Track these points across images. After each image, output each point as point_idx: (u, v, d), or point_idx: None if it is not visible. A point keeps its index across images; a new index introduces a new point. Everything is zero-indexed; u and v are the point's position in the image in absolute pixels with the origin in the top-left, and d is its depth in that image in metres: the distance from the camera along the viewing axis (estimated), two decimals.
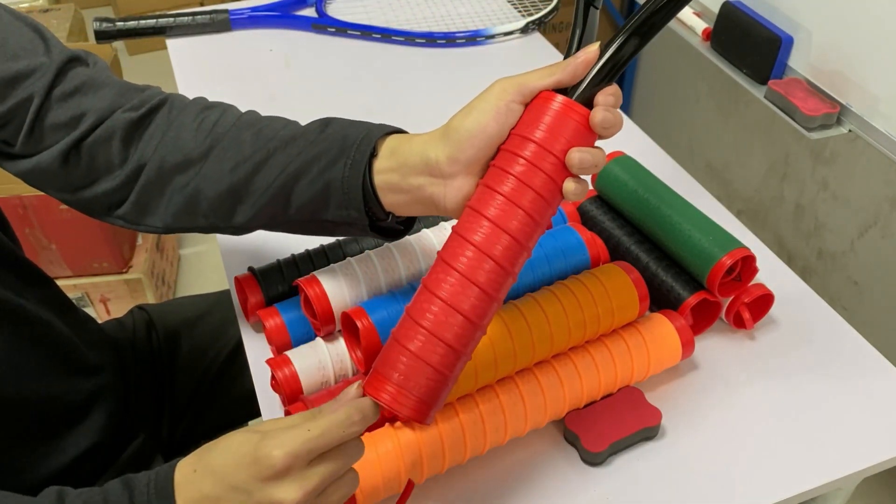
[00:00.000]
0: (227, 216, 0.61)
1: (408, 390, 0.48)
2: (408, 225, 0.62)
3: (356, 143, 0.57)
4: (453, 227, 0.51)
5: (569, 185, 0.50)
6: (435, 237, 0.70)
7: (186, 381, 0.92)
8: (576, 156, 0.49)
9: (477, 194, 0.51)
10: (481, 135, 0.51)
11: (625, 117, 1.01)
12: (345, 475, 0.49)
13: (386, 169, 0.55)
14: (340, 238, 0.74)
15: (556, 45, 1.19)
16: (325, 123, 0.60)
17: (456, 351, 0.49)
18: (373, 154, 0.56)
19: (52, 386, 0.71)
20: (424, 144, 0.54)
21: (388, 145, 0.56)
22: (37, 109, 0.59)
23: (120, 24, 1.13)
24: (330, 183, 0.57)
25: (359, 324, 0.61)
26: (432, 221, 0.75)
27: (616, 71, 0.51)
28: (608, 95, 0.51)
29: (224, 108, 0.63)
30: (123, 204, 0.63)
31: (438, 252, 0.51)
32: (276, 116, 0.63)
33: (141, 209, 0.63)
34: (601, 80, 0.51)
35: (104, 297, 1.65)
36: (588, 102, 0.50)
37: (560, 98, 0.50)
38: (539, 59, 1.12)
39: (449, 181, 0.53)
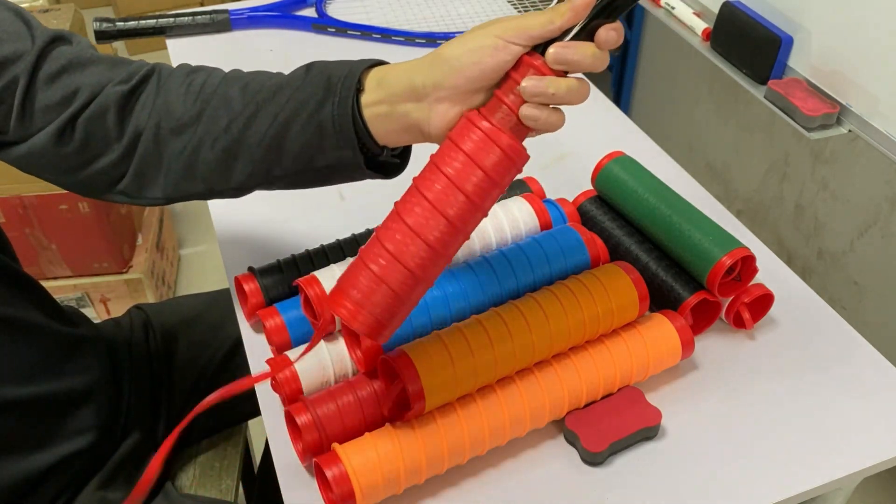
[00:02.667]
0: (224, 177, 0.61)
1: (365, 309, 0.50)
2: (404, 157, 0.62)
3: (341, 80, 0.56)
4: (431, 156, 0.52)
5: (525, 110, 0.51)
6: None
7: (184, 380, 0.92)
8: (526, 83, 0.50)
9: (458, 127, 0.52)
10: (474, 67, 0.51)
11: (625, 117, 1.01)
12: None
13: (374, 101, 0.55)
14: (340, 238, 0.74)
15: None
16: (309, 67, 0.60)
17: (415, 276, 0.50)
18: (359, 89, 0.56)
19: (39, 386, 0.72)
20: (410, 70, 0.54)
21: (374, 77, 0.56)
22: (24, 91, 0.59)
23: (120, 24, 1.13)
24: (321, 124, 0.56)
25: None
26: None
27: (618, 9, 0.50)
28: (610, 31, 0.50)
29: (210, 71, 0.63)
30: (124, 178, 0.63)
31: (414, 178, 0.52)
32: (262, 70, 0.63)
33: (141, 181, 0.63)
34: (599, 17, 0.50)
35: (104, 298, 1.65)
36: (590, 37, 0.51)
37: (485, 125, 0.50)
38: None
39: (433, 106, 0.53)
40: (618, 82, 2.25)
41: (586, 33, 0.50)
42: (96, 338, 0.82)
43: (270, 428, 0.65)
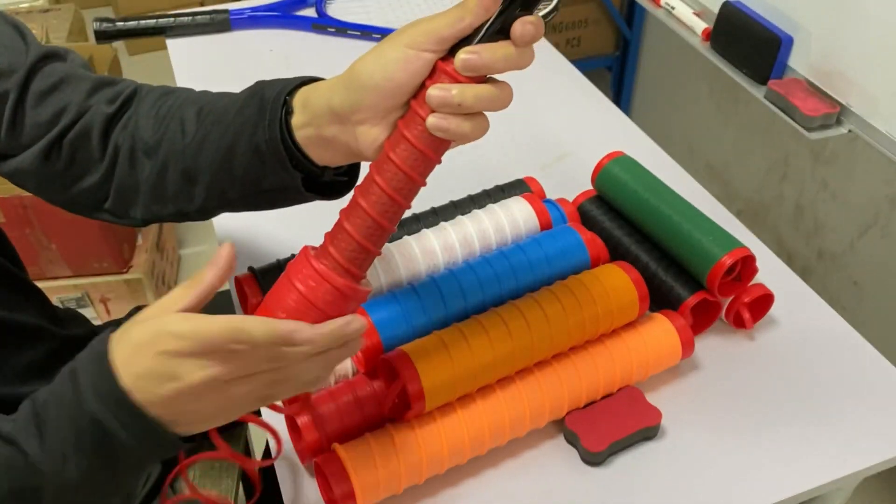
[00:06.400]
0: (187, 199, 0.61)
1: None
2: (352, 174, 0.60)
3: (270, 102, 0.55)
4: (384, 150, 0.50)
5: (431, 120, 0.47)
6: (435, 237, 0.70)
7: None
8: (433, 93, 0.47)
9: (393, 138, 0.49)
10: (387, 84, 0.48)
11: (625, 117, 1.01)
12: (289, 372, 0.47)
13: (302, 124, 0.53)
14: None
15: (556, 46, 1.19)
16: (252, 88, 0.58)
17: (344, 294, 0.49)
18: (290, 111, 0.54)
19: (38, 388, 0.72)
20: (329, 91, 0.52)
21: (299, 98, 0.54)
22: (14, 105, 0.59)
23: (120, 24, 1.13)
24: (258, 148, 0.55)
25: None
26: (432, 221, 0.75)
27: (531, 2, 0.46)
28: (526, 24, 0.45)
29: (179, 93, 0.63)
30: (108, 198, 0.63)
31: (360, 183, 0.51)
32: (223, 92, 0.62)
33: (122, 201, 0.63)
34: (514, 9, 0.45)
35: (104, 298, 1.65)
36: (506, 34, 0.46)
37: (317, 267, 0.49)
38: (538, 60, 1.12)
39: (356, 128, 0.51)
40: (618, 82, 2.25)
41: (504, 29, 0.46)
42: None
43: None
